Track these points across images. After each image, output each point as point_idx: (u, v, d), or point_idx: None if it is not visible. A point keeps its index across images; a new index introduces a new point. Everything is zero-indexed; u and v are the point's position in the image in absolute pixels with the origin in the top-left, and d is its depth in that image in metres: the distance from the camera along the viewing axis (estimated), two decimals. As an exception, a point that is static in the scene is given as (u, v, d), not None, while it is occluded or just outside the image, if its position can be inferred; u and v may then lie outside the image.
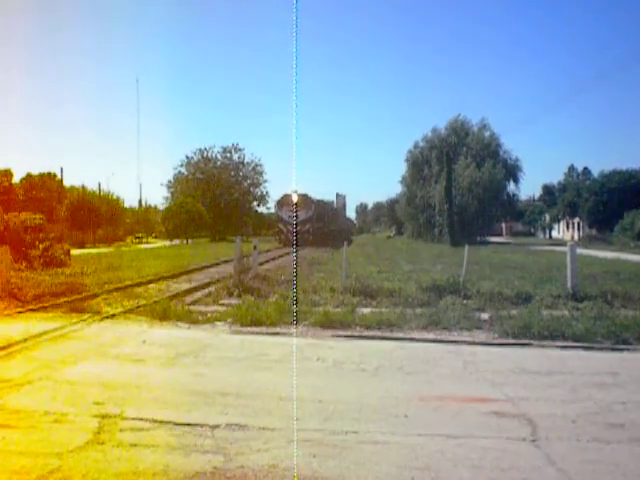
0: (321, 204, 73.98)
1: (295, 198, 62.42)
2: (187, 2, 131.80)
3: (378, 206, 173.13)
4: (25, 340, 12.42)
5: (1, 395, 8.68)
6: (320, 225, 69.89)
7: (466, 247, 20.64)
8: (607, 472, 6.26)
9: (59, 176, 76.95)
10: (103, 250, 51.22)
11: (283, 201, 68.15)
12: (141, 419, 7.64)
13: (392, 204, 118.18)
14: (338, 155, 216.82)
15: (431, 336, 13.35)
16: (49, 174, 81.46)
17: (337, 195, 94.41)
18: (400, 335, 13.48)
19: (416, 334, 13.54)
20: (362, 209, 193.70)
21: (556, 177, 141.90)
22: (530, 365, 10.97)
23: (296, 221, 62.65)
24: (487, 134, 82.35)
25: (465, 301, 16.82)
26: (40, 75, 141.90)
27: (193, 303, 17.91)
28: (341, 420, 7.71)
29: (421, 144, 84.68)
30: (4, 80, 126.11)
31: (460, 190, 73.79)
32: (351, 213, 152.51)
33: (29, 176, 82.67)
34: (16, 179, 79.10)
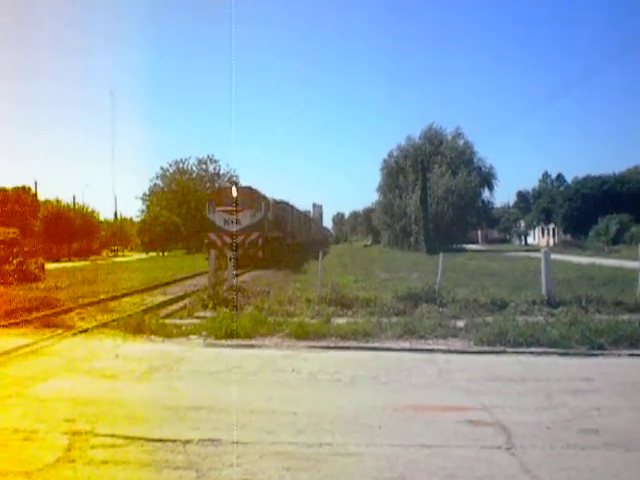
0: (280, 206, 54.05)
1: (234, 193, 42.26)
2: (164, 8, 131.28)
3: (355, 215, 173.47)
4: (-4, 357, 12.27)
5: (-30, 413, 8.56)
6: (277, 235, 49.44)
7: (441, 255, 20.64)
8: (582, 478, 6.25)
9: (33, 190, 76.49)
10: (78, 264, 50.88)
11: (216, 198, 45.09)
12: (112, 435, 7.53)
13: (368, 213, 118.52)
14: (315, 165, 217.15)
15: (406, 345, 13.32)
16: (23, 188, 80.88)
17: (314, 205, 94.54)
18: (376, 345, 13.44)
19: (392, 343, 13.50)
20: (339, 218, 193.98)
21: (530, 184, 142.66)
22: (505, 372, 10.97)
23: (237, 229, 41.07)
24: (461, 142, 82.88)
25: (441, 309, 16.81)
26: (14, 84, 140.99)
27: (167, 316, 17.76)
28: (315, 432, 7.65)
29: (396, 153, 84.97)
30: None
31: (435, 198, 74.06)
32: (328, 222, 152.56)
33: (3, 190, 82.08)
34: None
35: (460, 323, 15.12)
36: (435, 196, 74.19)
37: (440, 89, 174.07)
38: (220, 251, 37.10)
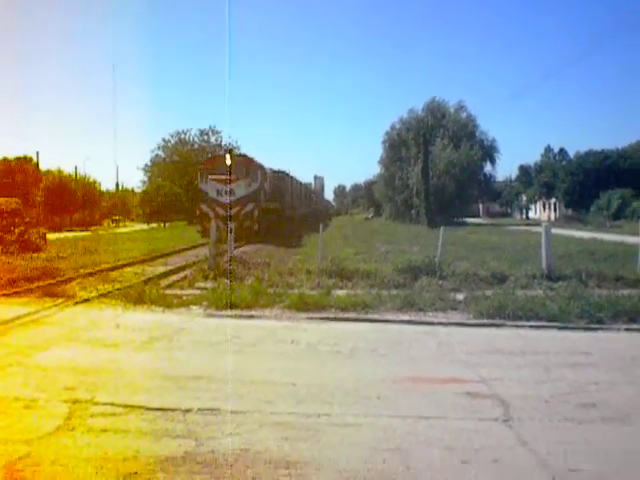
0: (278, 176, 51.02)
1: (228, 161, 39.80)
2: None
3: (356, 188, 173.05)
4: (-3, 326, 12.31)
5: (-29, 381, 8.61)
6: (275, 206, 45.89)
7: (441, 228, 20.61)
8: (578, 452, 6.28)
9: (35, 160, 76.37)
10: (79, 234, 50.90)
11: (209, 167, 42.16)
12: (112, 404, 7.58)
13: (370, 186, 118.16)
14: (316, 137, 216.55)
15: (406, 317, 13.35)
16: (25, 158, 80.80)
17: (315, 177, 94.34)
18: (375, 317, 13.47)
19: (391, 316, 13.54)
20: (340, 191, 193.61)
21: (532, 158, 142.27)
22: (504, 345, 11.02)
23: (230, 200, 38.37)
24: (464, 115, 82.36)
25: (440, 282, 16.83)
26: (15, 58, 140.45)
27: (168, 287, 17.79)
28: (313, 403, 7.69)
29: (398, 126, 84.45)
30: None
31: (437, 171, 73.77)
32: (329, 195, 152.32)
33: (5, 160, 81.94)
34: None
35: (460, 296, 15.14)
36: (437, 169, 73.91)
37: (442, 62, 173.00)
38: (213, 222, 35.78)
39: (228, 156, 41.98)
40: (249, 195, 40.40)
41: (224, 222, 33.20)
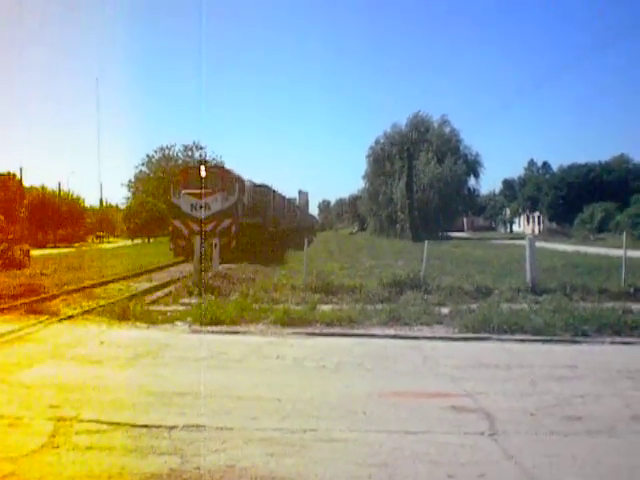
0: (260, 189, 47.98)
1: (203, 173, 37.56)
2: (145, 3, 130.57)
3: (340, 202, 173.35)
4: (-20, 343, 12.24)
5: (-45, 399, 8.55)
6: (255, 222, 42.30)
7: (425, 242, 20.71)
8: (565, 465, 6.30)
9: (18, 176, 76.07)
10: (64, 250, 50.71)
11: (182, 179, 38.82)
12: (97, 421, 7.53)
13: (354, 200, 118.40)
14: (300, 152, 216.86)
15: (391, 332, 13.37)
16: (8, 174, 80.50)
17: (299, 192, 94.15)
18: (361, 332, 13.49)
19: (377, 330, 13.55)
20: (325, 206, 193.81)
21: (516, 172, 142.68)
22: (489, 359, 11.04)
23: (205, 215, 35.52)
24: (447, 130, 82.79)
25: (426, 296, 16.87)
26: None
27: (153, 303, 17.75)
28: (299, 418, 7.67)
29: (382, 140, 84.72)
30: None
31: (421, 186, 74.02)
32: (314, 210, 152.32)
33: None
34: (-26, 179, 78.32)
35: (445, 310, 15.18)
36: (421, 184, 74.15)
37: (426, 77, 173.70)
38: (187, 241, 34.17)
39: (203, 167, 39.45)
40: (226, 210, 37.04)
41: (197, 237, 31.47)
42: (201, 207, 35.86)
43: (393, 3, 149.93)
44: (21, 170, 74.57)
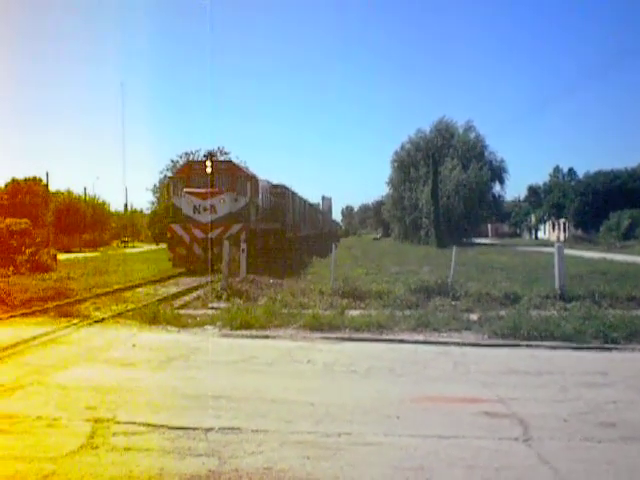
0: (277, 191, 43.05)
1: (209, 169, 32.70)
2: (173, 6, 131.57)
3: (364, 208, 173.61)
4: (15, 345, 12.38)
5: (-7, 400, 8.68)
6: (271, 227, 38.61)
7: (454, 248, 20.67)
8: (599, 471, 6.31)
9: (45, 181, 76.67)
10: (89, 254, 51.10)
11: (184, 176, 33.97)
12: (134, 423, 7.63)
13: (378, 206, 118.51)
14: (324, 158, 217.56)
15: (421, 338, 13.38)
16: (34, 179, 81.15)
17: (323, 197, 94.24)
18: (390, 337, 13.50)
19: (406, 336, 13.56)
20: (348, 211, 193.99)
21: (541, 178, 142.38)
22: (520, 365, 11.03)
23: (211, 219, 31.07)
24: (472, 135, 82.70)
25: (454, 302, 16.86)
26: (25, 79, 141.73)
27: (182, 307, 17.87)
28: (333, 422, 7.72)
29: (407, 146, 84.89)
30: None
31: (446, 192, 73.92)
32: (337, 215, 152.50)
33: (14, 181, 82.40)
34: (1, 184, 79.08)
35: (473, 316, 15.16)
36: (446, 190, 74.05)
37: (451, 82, 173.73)
38: (188, 250, 31.00)
39: (209, 163, 33.62)
40: (235, 213, 32.17)
41: (203, 247, 30.07)
42: (206, 209, 31.53)
43: (421, 10, 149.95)
44: (47, 175, 75.20)
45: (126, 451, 6.74)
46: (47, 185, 76.20)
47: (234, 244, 26.80)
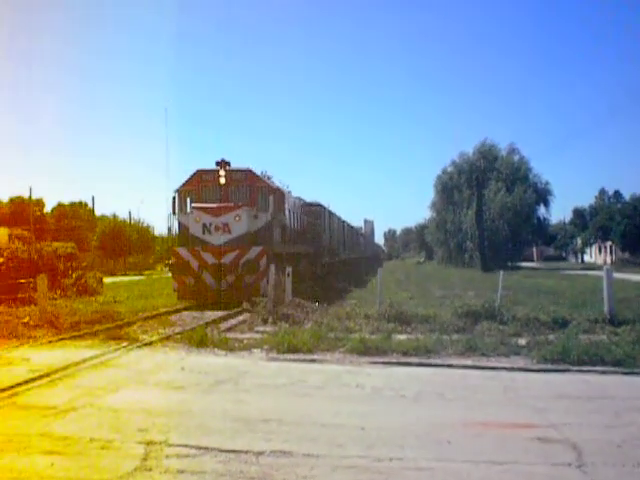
0: (311, 209, 38.76)
1: (223, 179, 27.72)
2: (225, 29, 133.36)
3: (407, 232, 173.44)
4: (66, 367, 12.55)
5: (47, 422, 8.79)
6: (302, 251, 34.11)
7: (501, 272, 20.57)
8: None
9: (90, 205, 77.66)
10: (134, 278, 51.56)
11: (192, 189, 28.32)
12: (186, 446, 7.68)
13: (421, 229, 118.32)
14: (366, 182, 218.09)
15: (469, 362, 13.28)
16: (80, 203, 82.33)
17: (365, 221, 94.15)
18: (438, 361, 13.42)
19: (454, 360, 13.48)
20: (390, 235, 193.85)
21: (587, 201, 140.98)
22: (570, 390, 10.92)
23: (226, 240, 26.48)
24: (516, 158, 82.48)
25: (501, 327, 16.70)
26: (71, 104, 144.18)
27: (228, 330, 17.96)
28: (385, 446, 7.69)
29: (449, 169, 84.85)
30: (35, 109, 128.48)
31: (490, 215, 73.59)
32: (379, 239, 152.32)
33: (60, 205, 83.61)
34: (47, 208, 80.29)
35: (522, 341, 15.03)
36: (490, 213, 73.75)
37: (494, 105, 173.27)
38: (196, 278, 26.20)
39: (222, 172, 27.73)
40: (254, 232, 27.07)
41: (214, 275, 25.92)
42: (218, 228, 26.48)
43: (465, 34, 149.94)
44: (93, 199, 76.23)
45: (179, 473, 6.80)
46: (92, 209, 77.19)
47: (249, 271, 25.68)
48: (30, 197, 65.57)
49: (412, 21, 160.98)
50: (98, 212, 78.63)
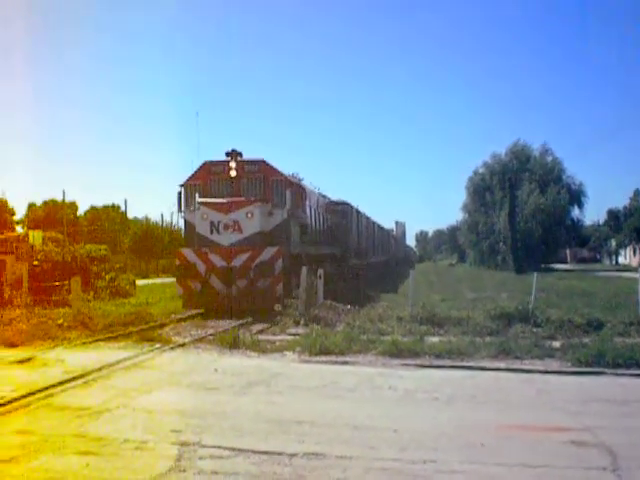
0: (336, 208, 35.89)
1: (233, 172, 24.64)
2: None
3: (439, 233, 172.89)
4: (100, 369, 12.66)
5: (82, 423, 8.88)
6: (325, 252, 30.81)
7: (535, 274, 20.44)
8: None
9: (123, 208, 78.28)
10: (166, 280, 51.79)
11: (199, 182, 25.48)
12: (219, 447, 7.72)
13: (453, 231, 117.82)
14: (397, 184, 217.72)
15: (502, 365, 13.18)
16: (113, 206, 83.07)
17: (396, 223, 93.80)
18: (471, 364, 13.35)
19: (487, 363, 13.41)
20: (422, 237, 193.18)
21: (621, 202, 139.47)
22: (605, 393, 10.83)
23: (236, 239, 23.59)
24: (549, 159, 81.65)
25: (535, 329, 16.60)
26: (103, 110, 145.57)
27: (260, 332, 17.99)
28: (418, 449, 7.67)
29: (481, 170, 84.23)
30: (69, 116, 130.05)
31: (523, 216, 73.04)
32: (411, 241, 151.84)
33: (93, 208, 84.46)
34: (81, 211, 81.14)
35: (556, 343, 14.92)
36: (523, 214, 73.21)
37: (527, 105, 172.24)
38: (203, 282, 23.15)
39: (233, 163, 24.64)
40: (269, 232, 24.17)
41: (224, 280, 22.86)
42: (227, 227, 23.62)
43: (501, 34, 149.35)
44: (125, 202, 76.70)
45: (213, 474, 6.83)
46: (125, 212, 77.77)
47: (262, 275, 22.59)
48: (63, 200, 66.31)
49: (453, 21, 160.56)
50: (130, 215, 79.29)
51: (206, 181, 25.15)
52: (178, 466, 7.07)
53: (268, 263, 22.73)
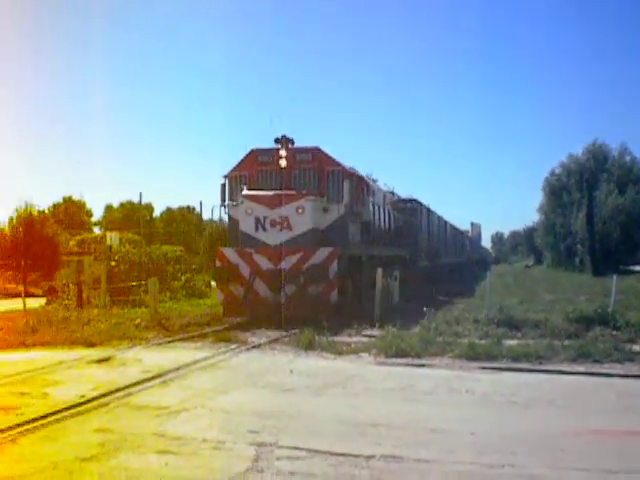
0: (405, 206, 33.97)
1: (283, 162, 21.66)
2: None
3: (514, 235, 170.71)
4: (177, 369, 12.86)
5: (161, 422, 9.01)
6: (392, 254, 28.58)
7: (614, 277, 20.04)
8: None
9: (198, 209, 79.22)
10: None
11: (246, 172, 22.96)
12: (296, 448, 7.74)
13: (529, 232, 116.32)
14: (473, 186, 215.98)
15: (581, 369, 12.96)
16: (188, 208, 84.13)
17: (472, 224, 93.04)
18: (549, 367, 13.15)
19: (565, 367, 13.19)
20: (498, 238, 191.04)
21: None
22: (690, 399, 10.57)
23: (285, 238, 20.82)
24: (628, 158, 79.85)
25: (614, 332, 16.27)
26: (183, 121, 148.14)
27: (335, 334, 17.90)
28: (496, 453, 7.59)
29: (557, 171, 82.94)
30: (145, 124, 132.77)
31: (602, 217, 71.58)
32: (486, 242, 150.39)
33: (169, 210, 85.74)
34: (157, 213, 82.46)
35: (636, 347, 14.64)
36: (601, 215, 71.75)
37: (603, 105, 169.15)
38: (247, 287, 20.69)
39: (283, 152, 21.85)
40: (323, 230, 21.71)
41: (270, 285, 20.49)
42: (275, 224, 21.08)
43: (571, 35, 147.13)
44: (200, 204, 77.32)
45: (291, 475, 6.85)
46: (200, 214, 78.67)
47: (315, 279, 20.11)
48: (140, 202, 67.30)
49: (528, 23, 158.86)
50: (205, 217, 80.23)
51: (252, 172, 22.76)
52: (256, 466, 7.11)
53: (321, 266, 20.23)
